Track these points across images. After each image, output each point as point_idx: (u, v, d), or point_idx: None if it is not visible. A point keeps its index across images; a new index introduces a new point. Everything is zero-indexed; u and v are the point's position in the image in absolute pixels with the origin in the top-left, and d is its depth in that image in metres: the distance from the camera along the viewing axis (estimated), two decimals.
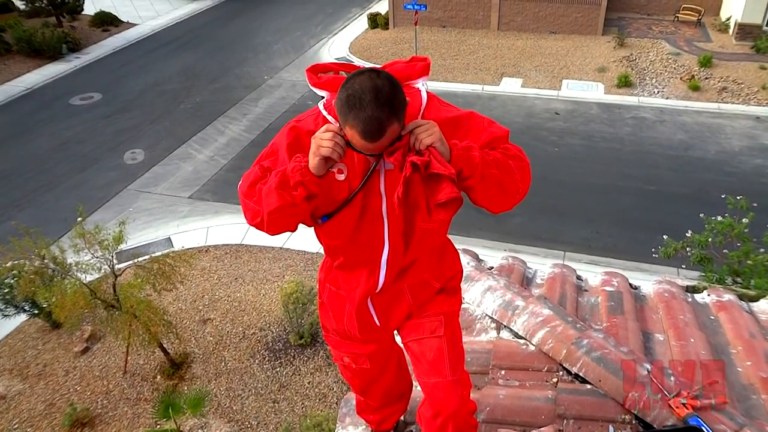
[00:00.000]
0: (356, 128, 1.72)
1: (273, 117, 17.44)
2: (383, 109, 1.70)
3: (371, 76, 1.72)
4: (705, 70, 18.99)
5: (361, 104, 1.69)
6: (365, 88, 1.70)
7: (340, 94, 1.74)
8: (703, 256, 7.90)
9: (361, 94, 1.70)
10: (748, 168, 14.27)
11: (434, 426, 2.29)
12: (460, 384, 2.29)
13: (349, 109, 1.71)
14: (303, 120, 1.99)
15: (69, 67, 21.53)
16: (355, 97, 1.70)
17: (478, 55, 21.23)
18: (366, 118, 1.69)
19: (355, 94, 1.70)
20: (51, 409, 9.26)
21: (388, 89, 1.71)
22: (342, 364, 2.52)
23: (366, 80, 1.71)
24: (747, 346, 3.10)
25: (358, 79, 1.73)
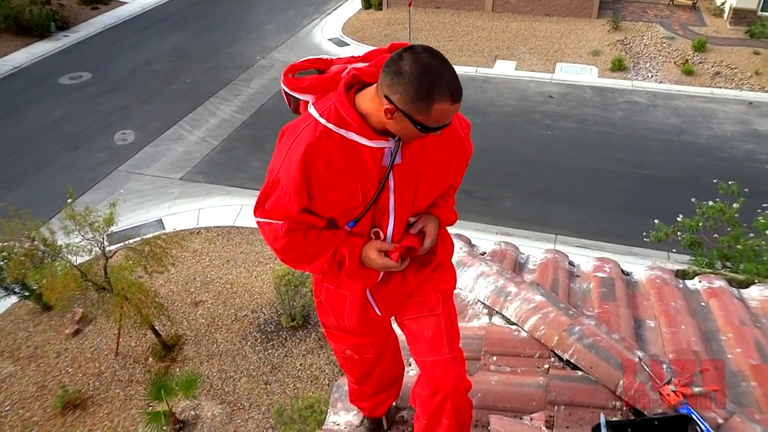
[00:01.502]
0: (446, 96, 1.69)
1: (265, 98, 17.30)
2: (449, 65, 1.71)
3: (412, 50, 1.70)
4: (699, 54, 18.96)
5: (437, 71, 1.67)
6: (424, 59, 1.68)
7: (406, 86, 1.68)
8: (694, 241, 7.95)
9: (428, 65, 1.67)
10: (739, 153, 14.31)
11: (432, 404, 2.29)
12: (458, 361, 2.30)
13: (431, 85, 1.67)
14: (301, 135, 1.87)
15: (58, 45, 21.20)
16: (426, 71, 1.67)
17: (472, 36, 21.09)
18: (450, 79, 1.69)
19: (423, 70, 1.67)
20: (42, 391, 9.26)
21: (434, 50, 1.71)
22: (343, 357, 2.52)
23: (415, 55, 1.68)
24: (737, 333, 3.11)
25: (407, 60, 1.68)
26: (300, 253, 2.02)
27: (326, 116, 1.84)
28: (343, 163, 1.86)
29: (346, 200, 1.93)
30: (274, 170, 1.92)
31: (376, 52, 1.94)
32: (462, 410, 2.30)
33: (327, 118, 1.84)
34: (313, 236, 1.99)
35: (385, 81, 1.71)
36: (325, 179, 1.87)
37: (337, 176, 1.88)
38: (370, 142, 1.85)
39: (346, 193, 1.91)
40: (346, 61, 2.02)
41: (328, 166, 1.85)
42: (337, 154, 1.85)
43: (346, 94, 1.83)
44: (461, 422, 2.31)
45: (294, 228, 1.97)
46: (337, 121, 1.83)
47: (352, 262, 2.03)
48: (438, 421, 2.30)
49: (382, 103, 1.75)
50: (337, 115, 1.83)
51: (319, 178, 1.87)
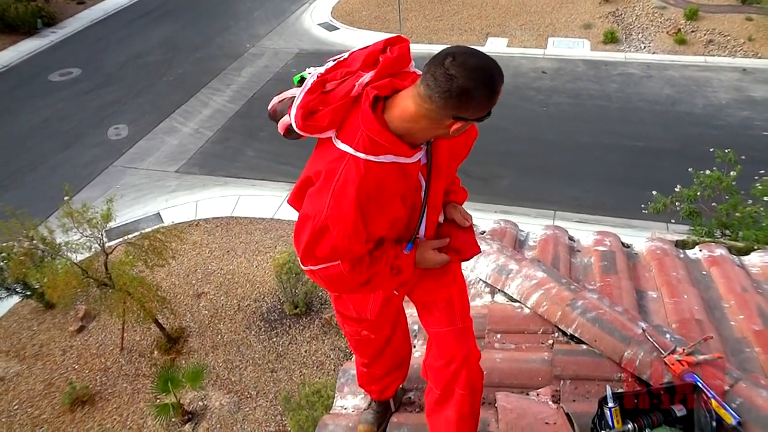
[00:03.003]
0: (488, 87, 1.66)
1: (257, 86, 17.20)
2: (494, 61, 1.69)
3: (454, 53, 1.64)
4: (691, 23, 18.84)
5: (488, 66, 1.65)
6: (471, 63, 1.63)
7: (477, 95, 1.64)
8: (692, 210, 7.95)
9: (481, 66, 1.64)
10: (735, 121, 14.27)
11: (447, 373, 2.30)
12: (469, 331, 2.34)
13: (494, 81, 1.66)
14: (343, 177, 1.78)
15: (45, 42, 21.02)
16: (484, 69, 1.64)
17: (463, 15, 20.92)
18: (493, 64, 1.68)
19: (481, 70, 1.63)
20: (50, 388, 9.30)
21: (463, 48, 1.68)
22: (357, 339, 2.51)
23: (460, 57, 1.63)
24: (739, 300, 3.12)
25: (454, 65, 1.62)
26: (360, 282, 2.00)
27: (362, 149, 1.77)
28: (388, 188, 1.83)
29: (392, 218, 1.92)
30: (318, 216, 1.82)
31: (371, 54, 1.84)
32: (475, 380, 2.32)
33: (364, 150, 1.77)
34: (367, 262, 1.97)
35: (450, 104, 1.65)
36: (375, 209, 1.84)
37: (385, 201, 1.85)
38: (410, 159, 1.83)
39: (392, 210, 1.90)
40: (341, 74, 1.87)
41: (377, 196, 1.82)
42: (382, 181, 1.81)
43: (376, 120, 1.75)
44: (474, 392, 2.32)
45: (357, 257, 1.94)
46: (373, 150, 1.77)
47: (408, 268, 2.03)
48: (451, 392, 2.31)
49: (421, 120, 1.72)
50: (372, 143, 1.76)
51: (370, 211, 1.83)
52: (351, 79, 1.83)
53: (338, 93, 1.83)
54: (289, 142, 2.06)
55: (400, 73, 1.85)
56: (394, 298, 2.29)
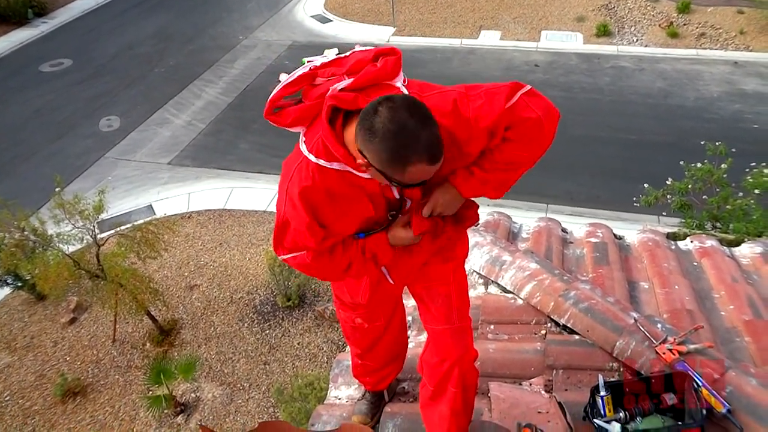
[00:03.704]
0: (421, 160, 1.58)
1: (250, 78, 17.11)
2: (430, 123, 1.58)
3: (389, 106, 1.56)
4: (683, 16, 18.87)
5: (411, 134, 1.55)
6: (400, 117, 1.55)
7: (376, 148, 1.58)
8: (684, 203, 7.99)
9: (403, 125, 1.55)
10: (726, 114, 14.34)
11: (440, 371, 2.32)
12: (466, 331, 2.34)
13: (404, 151, 1.57)
14: (295, 177, 1.81)
15: (36, 32, 20.82)
16: (401, 132, 1.55)
17: (456, 8, 20.88)
18: (425, 142, 1.57)
19: (397, 131, 1.55)
20: (41, 380, 9.28)
21: (415, 105, 1.59)
22: (352, 327, 2.52)
23: (390, 113, 1.55)
24: (730, 291, 3.16)
25: (382, 119, 1.55)
26: (333, 269, 2.02)
27: (315, 152, 1.77)
28: (345, 191, 1.82)
29: (359, 218, 1.92)
30: (281, 211, 1.90)
31: (360, 62, 1.81)
32: (468, 379, 2.34)
33: (316, 154, 1.77)
34: (339, 251, 1.98)
35: (359, 135, 1.61)
36: (332, 209, 1.84)
37: (344, 203, 1.84)
38: (364, 174, 1.77)
39: (357, 212, 1.89)
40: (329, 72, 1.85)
41: (331, 198, 1.81)
42: (336, 185, 1.80)
43: (331, 129, 1.73)
44: (467, 391, 2.34)
45: (318, 252, 1.96)
46: (326, 156, 1.76)
47: (384, 252, 2.00)
48: (444, 389, 2.34)
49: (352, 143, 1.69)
50: (326, 150, 1.75)
51: (325, 211, 1.84)
52: (333, 81, 1.81)
53: (314, 93, 1.82)
54: (282, 134, 2.06)
55: (381, 86, 1.78)
56: (387, 285, 2.27)
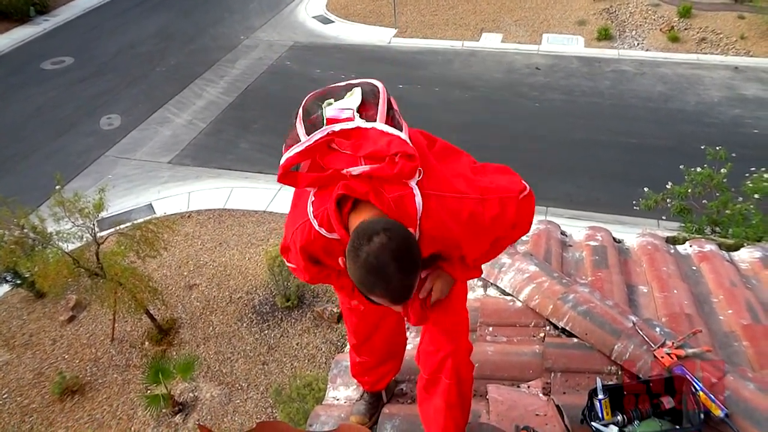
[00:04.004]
0: (385, 298, 1.66)
1: (251, 78, 17.13)
2: (409, 274, 1.63)
3: (383, 242, 1.58)
4: (684, 20, 18.91)
5: (385, 278, 1.60)
6: (384, 260, 1.58)
7: (354, 269, 1.63)
8: (683, 207, 8.01)
9: (382, 269, 1.58)
10: (726, 119, 14.36)
11: (435, 360, 2.32)
12: (463, 324, 2.36)
13: (372, 285, 1.63)
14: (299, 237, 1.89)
15: (38, 30, 20.85)
16: (378, 273, 1.59)
17: (457, 10, 20.90)
18: (394, 289, 1.63)
19: (375, 270, 1.59)
20: (40, 378, 9.28)
21: (406, 251, 1.62)
22: (348, 308, 2.53)
23: (380, 250, 1.58)
24: (728, 295, 3.16)
25: (370, 250, 1.59)
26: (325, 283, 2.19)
27: (319, 221, 1.82)
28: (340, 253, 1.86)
29: None
30: (287, 236, 2.00)
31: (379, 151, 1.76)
32: (462, 371, 2.33)
33: (320, 222, 1.82)
34: (335, 276, 2.10)
35: (348, 246, 1.66)
36: (329, 259, 1.96)
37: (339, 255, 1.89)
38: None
39: None
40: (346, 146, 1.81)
41: (327, 254, 1.92)
42: (333, 247, 1.88)
43: (338, 213, 1.77)
44: (461, 383, 2.33)
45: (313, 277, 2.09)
46: (328, 228, 1.82)
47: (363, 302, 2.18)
48: (437, 379, 2.32)
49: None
50: (328, 224, 1.81)
51: (324, 258, 1.97)
52: (349, 158, 1.80)
53: (329, 162, 1.83)
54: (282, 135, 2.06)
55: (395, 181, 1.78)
56: None
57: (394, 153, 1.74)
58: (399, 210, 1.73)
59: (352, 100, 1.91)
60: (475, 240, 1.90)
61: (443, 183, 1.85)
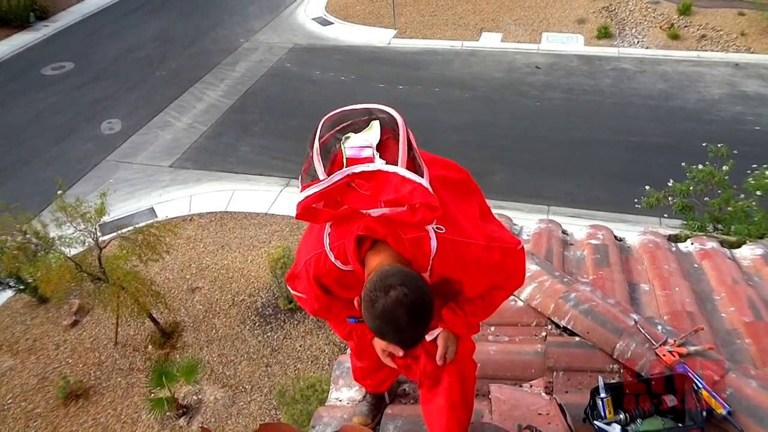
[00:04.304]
0: (397, 346, 1.80)
1: (251, 81, 17.14)
2: (420, 325, 1.72)
3: (398, 297, 1.65)
4: (684, 17, 18.89)
5: (398, 329, 1.69)
6: (398, 313, 1.66)
7: (369, 318, 1.71)
8: (685, 205, 7.99)
9: (396, 321, 1.67)
10: (727, 116, 14.34)
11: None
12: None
13: (385, 334, 1.73)
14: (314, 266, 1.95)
15: (38, 36, 20.87)
16: (392, 325, 1.68)
17: (457, 10, 20.90)
18: (405, 338, 1.74)
19: (390, 322, 1.68)
20: (44, 383, 9.29)
21: (421, 305, 1.69)
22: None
23: (395, 304, 1.65)
24: (730, 292, 3.16)
25: (387, 303, 1.65)
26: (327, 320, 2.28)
27: (336, 253, 1.89)
28: (354, 283, 1.94)
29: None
30: (298, 265, 2.05)
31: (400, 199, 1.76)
32: (464, 369, 2.33)
33: (336, 255, 1.89)
34: (336, 311, 2.17)
35: (362, 294, 1.73)
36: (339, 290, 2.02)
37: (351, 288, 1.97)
38: None
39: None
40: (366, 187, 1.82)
41: (340, 285, 1.99)
42: (347, 279, 1.95)
43: (356, 251, 1.83)
44: (463, 380, 2.33)
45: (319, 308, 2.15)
46: (344, 261, 1.89)
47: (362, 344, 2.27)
48: (441, 378, 2.33)
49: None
50: (345, 257, 1.87)
51: (334, 289, 2.03)
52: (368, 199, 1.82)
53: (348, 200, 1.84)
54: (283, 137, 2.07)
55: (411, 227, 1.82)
56: None
57: (416, 202, 1.75)
58: (414, 251, 1.81)
59: (371, 135, 1.91)
60: (475, 279, 2.01)
61: (455, 227, 1.91)
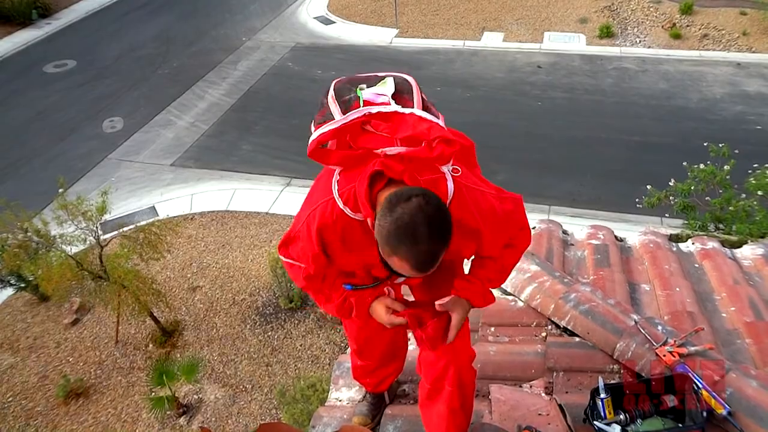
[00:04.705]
0: (407, 261, 1.62)
1: (253, 80, 17.13)
2: (438, 241, 1.61)
3: (420, 203, 1.59)
4: (686, 17, 18.86)
5: (414, 238, 1.58)
6: (418, 220, 1.57)
7: (385, 223, 1.61)
8: (686, 204, 7.97)
9: (414, 227, 1.57)
10: (729, 115, 14.32)
11: (437, 368, 2.33)
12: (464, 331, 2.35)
13: (399, 242, 1.60)
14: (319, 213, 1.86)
15: (40, 33, 20.89)
16: (408, 230, 1.58)
17: (459, 9, 20.89)
18: (420, 252, 1.60)
19: (406, 227, 1.58)
20: (44, 381, 9.30)
21: (441, 218, 1.61)
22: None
23: (416, 209, 1.58)
24: (731, 292, 3.15)
25: (406, 208, 1.59)
26: (317, 292, 2.15)
27: (344, 199, 1.82)
28: (359, 238, 1.88)
29: (363, 262, 1.99)
30: (297, 225, 1.96)
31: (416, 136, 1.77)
32: (465, 378, 2.33)
33: (345, 201, 1.82)
34: (330, 280, 2.09)
35: (381, 204, 1.67)
36: (341, 249, 1.92)
37: (354, 247, 1.91)
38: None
39: (363, 257, 1.95)
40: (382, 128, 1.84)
41: (343, 240, 1.89)
42: (353, 231, 1.87)
43: (368, 191, 1.75)
44: (464, 389, 2.33)
45: (313, 274, 2.06)
46: (354, 207, 1.81)
47: (360, 314, 2.11)
48: (440, 387, 2.34)
49: None
50: (355, 202, 1.80)
51: (335, 247, 1.92)
52: (384, 140, 1.83)
53: (362, 142, 1.86)
54: (284, 136, 2.07)
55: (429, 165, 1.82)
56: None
57: (433, 138, 1.76)
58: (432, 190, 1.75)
59: (386, 89, 1.93)
60: (492, 232, 1.94)
61: (468, 176, 1.91)
